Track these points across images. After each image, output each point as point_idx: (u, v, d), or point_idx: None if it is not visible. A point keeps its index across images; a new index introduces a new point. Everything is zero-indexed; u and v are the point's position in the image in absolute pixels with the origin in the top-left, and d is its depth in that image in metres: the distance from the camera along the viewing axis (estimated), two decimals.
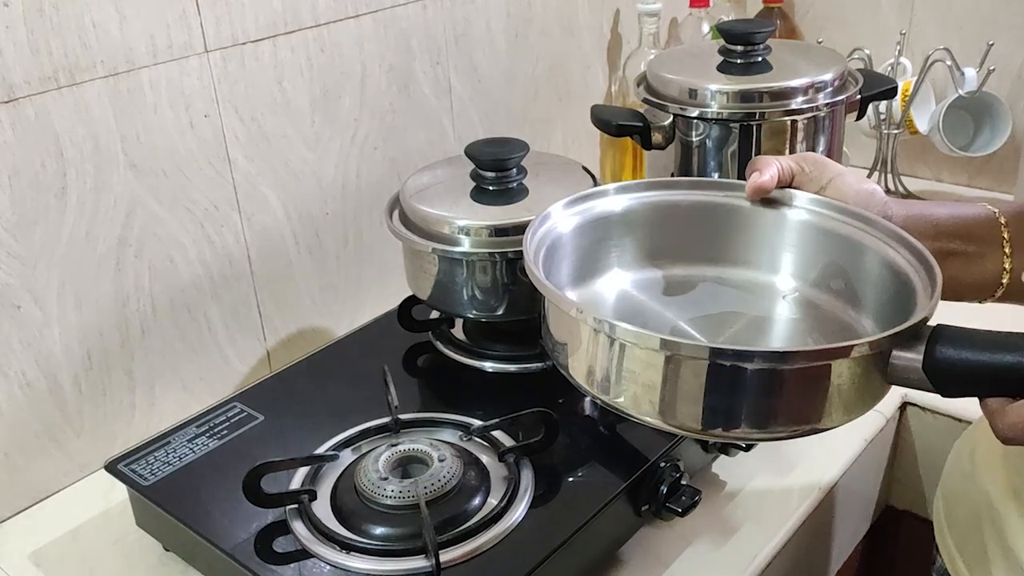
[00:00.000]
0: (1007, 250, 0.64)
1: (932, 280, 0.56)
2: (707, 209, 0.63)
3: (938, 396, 0.53)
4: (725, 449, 0.78)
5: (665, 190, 0.63)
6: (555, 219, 0.61)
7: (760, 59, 0.92)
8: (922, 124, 1.23)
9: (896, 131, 1.22)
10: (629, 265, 0.63)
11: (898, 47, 1.22)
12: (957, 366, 0.50)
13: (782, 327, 0.62)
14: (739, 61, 0.92)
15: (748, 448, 0.76)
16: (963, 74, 1.18)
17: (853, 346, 0.49)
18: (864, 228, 0.61)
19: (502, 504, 0.67)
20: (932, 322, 0.53)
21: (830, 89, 0.89)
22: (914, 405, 0.93)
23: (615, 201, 0.61)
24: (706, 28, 1.30)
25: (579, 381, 0.56)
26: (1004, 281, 0.65)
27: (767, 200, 0.63)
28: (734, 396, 0.50)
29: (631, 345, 0.51)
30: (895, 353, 0.51)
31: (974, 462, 0.71)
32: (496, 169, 0.82)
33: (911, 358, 0.50)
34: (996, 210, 0.66)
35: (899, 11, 1.31)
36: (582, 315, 0.53)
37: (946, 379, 0.50)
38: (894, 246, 0.60)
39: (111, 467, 0.74)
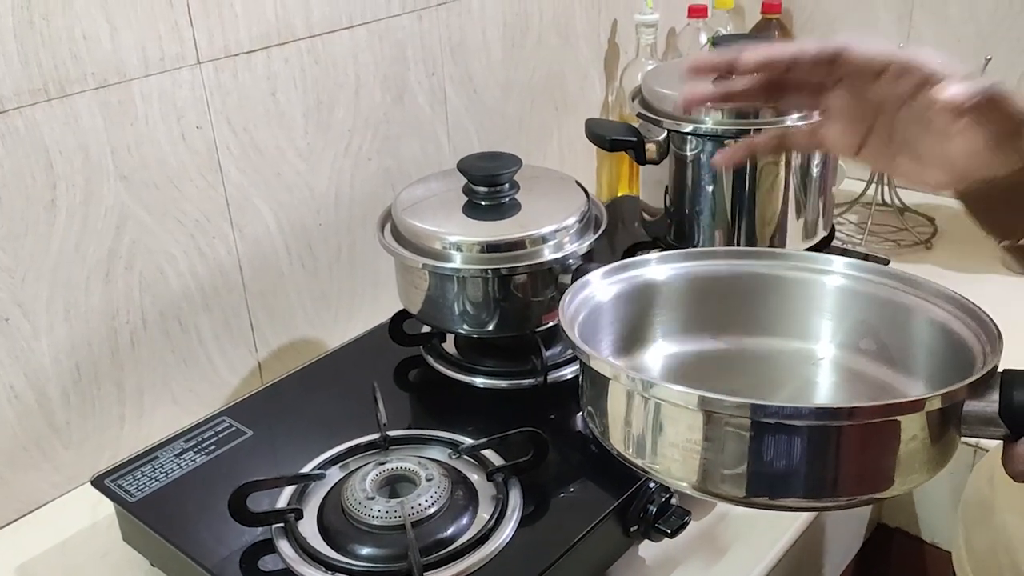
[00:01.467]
0: None
1: (988, 333, 0.54)
2: (747, 279, 0.62)
3: None
4: None
5: (705, 260, 0.63)
6: (594, 287, 0.60)
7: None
8: None
9: None
10: (673, 337, 0.62)
11: None
12: None
13: (826, 396, 0.60)
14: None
15: None
16: None
17: (926, 399, 0.47)
18: (906, 289, 0.60)
19: (490, 524, 0.67)
20: None
21: None
22: None
23: (657, 271, 0.61)
24: (704, 39, 1.30)
25: (616, 447, 0.53)
26: None
27: (805, 268, 0.62)
28: (783, 460, 0.46)
29: (667, 404, 0.49)
30: (968, 403, 0.49)
31: (993, 488, 0.71)
32: (488, 184, 0.81)
33: (985, 406, 0.49)
34: None
35: (897, 23, 1.31)
36: (616, 372, 0.51)
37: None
38: (940, 304, 0.58)
39: (97, 482, 0.74)
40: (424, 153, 1.07)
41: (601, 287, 0.61)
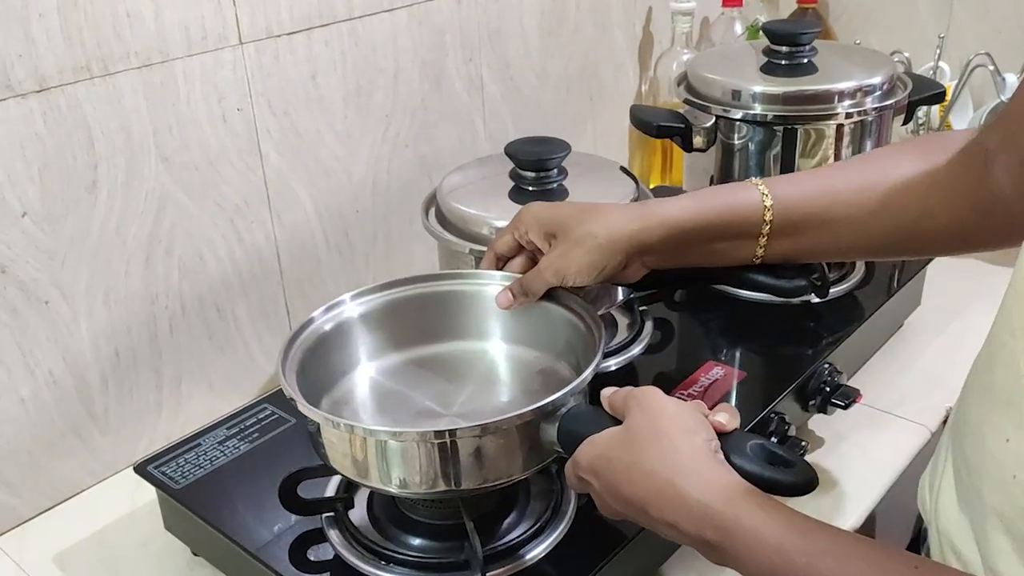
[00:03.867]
0: (762, 242, 0.66)
1: (594, 347, 0.63)
2: (432, 297, 0.73)
3: None
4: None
5: (394, 288, 0.74)
6: (317, 323, 0.70)
7: (805, 60, 0.90)
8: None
9: None
10: (374, 356, 0.72)
11: (937, 51, 1.19)
12: (580, 438, 0.57)
13: (504, 386, 0.71)
14: (783, 62, 0.90)
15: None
16: (1004, 79, 1.15)
17: (497, 422, 0.57)
18: (552, 295, 0.69)
19: (545, 517, 0.65)
20: None
21: (879, 93, 0.87)
22: None
23: (353, 307, 0.72)
24: (739, 28, 1.28)
25: (334, 465, 0.63)
26: (756, 260, 0.67)
27: (475, 283, 0.73)
28: (447, 461, 0.58)
29: (366, 436, 0.59)
30: (543, 426, 0.59)
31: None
32: (537, 169, 0.80)
33: (551, 429, 0.58)
34: (767, 204, 0.65)
35: (937, 14, 1.29)
36: (325, 419, 0.60)
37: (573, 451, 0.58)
38: (576, 309, 0.68)
39: (140, 469, 0.72)
40: (460, 141, 1.05)
41: (322, 321, 0.70)
